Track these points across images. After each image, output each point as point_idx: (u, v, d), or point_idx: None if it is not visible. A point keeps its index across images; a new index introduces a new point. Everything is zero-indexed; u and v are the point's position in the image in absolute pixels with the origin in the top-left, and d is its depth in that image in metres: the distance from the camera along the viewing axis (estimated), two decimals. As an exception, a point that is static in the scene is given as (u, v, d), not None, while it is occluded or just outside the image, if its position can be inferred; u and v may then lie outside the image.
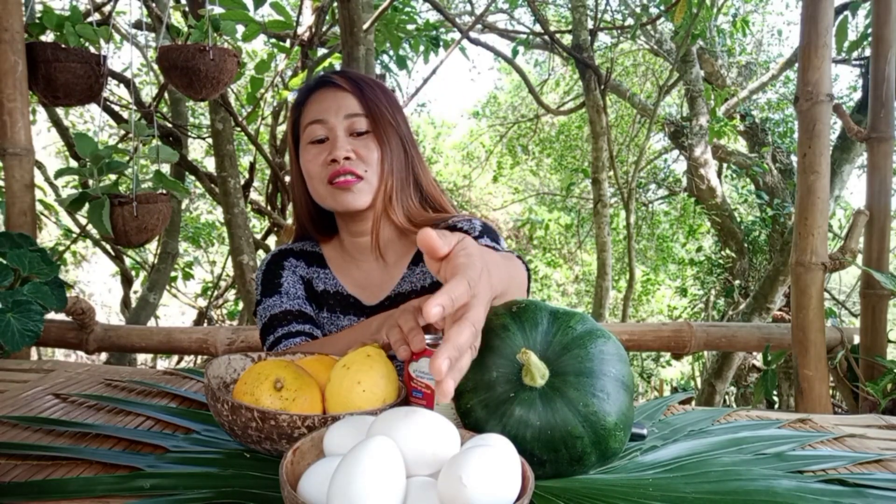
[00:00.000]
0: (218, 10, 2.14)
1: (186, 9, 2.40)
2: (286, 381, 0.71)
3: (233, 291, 5.31)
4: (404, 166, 1.07)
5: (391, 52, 3.72)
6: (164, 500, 0.60)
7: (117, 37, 4.59)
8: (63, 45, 1.92)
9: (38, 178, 3.64)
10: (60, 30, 1.96)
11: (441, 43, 3.68)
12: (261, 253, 4.07)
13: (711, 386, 4.52)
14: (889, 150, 1.84)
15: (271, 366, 0.73)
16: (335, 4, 3.00)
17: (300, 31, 3.29)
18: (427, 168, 1.12)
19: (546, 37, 5.25)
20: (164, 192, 1.98)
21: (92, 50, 1.99)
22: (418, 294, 1.07)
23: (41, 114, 4.74)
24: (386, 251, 1.10)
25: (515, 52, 5.09)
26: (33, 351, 3.48)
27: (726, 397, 4.92)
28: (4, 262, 1.53)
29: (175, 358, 5.28)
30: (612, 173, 5.07)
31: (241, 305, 4.77)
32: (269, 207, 3.79)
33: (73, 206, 1.85)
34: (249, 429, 0.67)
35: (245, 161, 5.41)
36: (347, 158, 1.01)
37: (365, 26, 2.73)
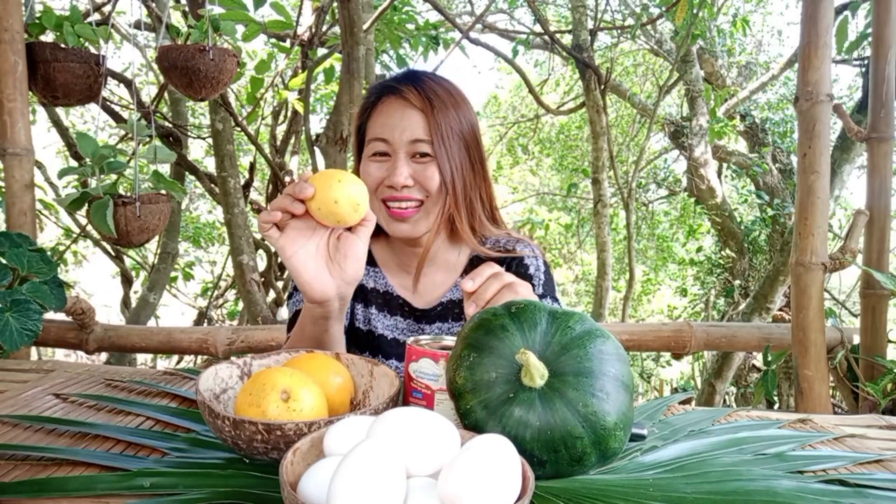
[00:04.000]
0: (218, 10, 2.14)
1: (186, 9, 2.40)
2: (292, 392, 0.70)
3: (233, 291, 5.31)
4: (469, 184, 1.04)
5: (391, 52, 3.72)
6: (164, 500, 0.60)
7: (117, 37, 4.59)
8: (62, 45, 1.92)
9: (39, 178, 3.64)
10: (60, 30, 1.95)
11: (441, 41, 3.68)
12: (261, 253, 4.07)
13: (711, 386, 4.52)
14: (889, 150, 1.84)
15: (276, 375, 0.71)
16: (335, 4, 3.00)
17: (300, 31, 3.29)
18: (491, 181, 1.10)
19: (546, 37, 5.25)
20: (165, 192, 1.98)
21: (91, 50, 1.99)
22: None
23: (41, 114, 4.73)
24: (437, 259, 1.10)
25: (515, 52, 5.08)
26: (33, 351, 3.47)
27: (726, 397, 4.91)
28: (3, 261, 1.53)
29: (175, 358, 5.28)
30: (612, 173, 5.07)
31: (241, 305, 4.76)
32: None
33: (73, 205, 1.85)
34: (255, 441, 0.65)
35: (245, 161, 5.41)
36: (406, 186, 0.99)
37: (365, 26, 2.73)
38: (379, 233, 1.14)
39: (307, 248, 0.86)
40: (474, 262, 1.12)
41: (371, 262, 1.14)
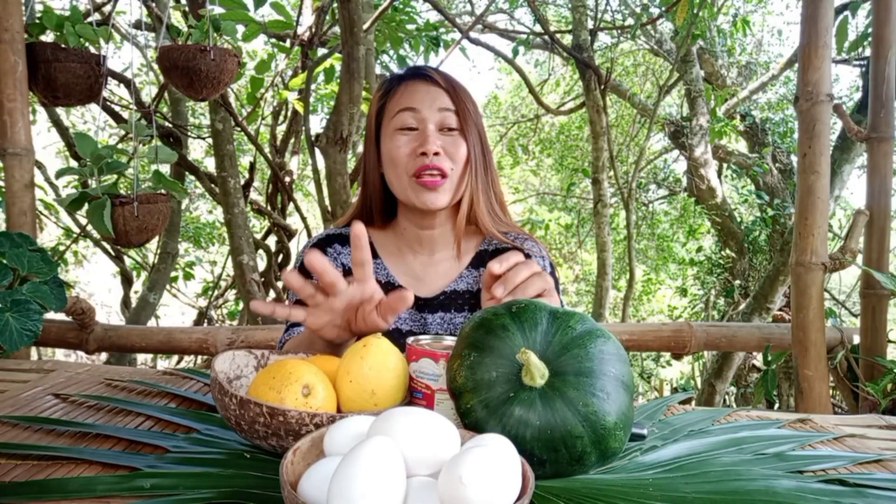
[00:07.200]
0: (218, 10, 2.14)
1: (186, 9, 2.40)
2: (313, 389, 0.71)
3: (233, 291, 5.31)
4: (484, 170, 1.08)
5: (391, 52, 3.72)
6: (164, 501, 0.60)
7: (117, 37, 4.59)
8: (63, 45, 1.92)
9: (39, 178, 3.65)
10: (60, 30, 1.95)
11: (441, 43, 3.68)
12: (261, 253, 4.07)
13: (711, 386, 4.52)
14: (889, 150, 1.84)
15: (301, 368, 0.72)
16: (335, 4, 3.00)
17: (300, 31, 3.29)
18: (497, 176, 1.14)
19: (546, 37, 5.25)
20: (164, 192, 1.98)
21: (92, 50, 1.99)
22: (473, 294, 1.09)
23: (41, 114, 4.73)
24: (444, 246, 1.12)
25: (515, 52, 5.08)
26: (33, 351, 3.48)
27: (726, 397, 4.91)
28: (4, 261, 1.53)
29: (175, 358, 5.28)
30: (612, 173, 5.07)
31: (241, 305, 4.76)
32: (269, 207, 3.79)
33: (73, 206, 1.85)
34: (257, 424, 0.66)
35: (245, 161, 5.42)
36: (437, 154, 1.02)
37: (365, 26, 2.74)
38: (379, 220, 1.15)
39: (333, 322, 0.86)
40: (481, 256, 1.12)
41: (372, 253, 1.14)
